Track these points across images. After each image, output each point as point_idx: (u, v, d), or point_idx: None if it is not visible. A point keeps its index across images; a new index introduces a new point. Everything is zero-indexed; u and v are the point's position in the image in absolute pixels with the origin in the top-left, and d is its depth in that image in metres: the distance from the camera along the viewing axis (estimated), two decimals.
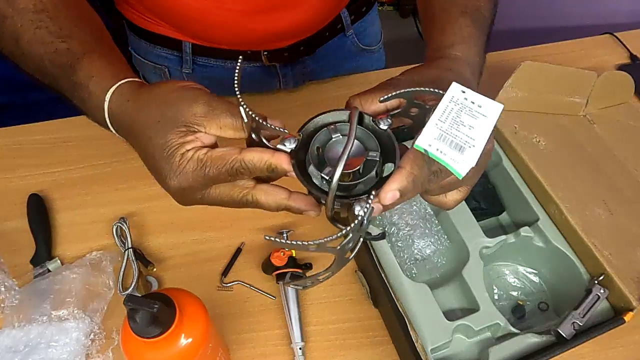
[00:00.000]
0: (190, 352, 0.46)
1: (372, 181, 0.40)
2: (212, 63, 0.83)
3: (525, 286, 0.67)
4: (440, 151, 0.37)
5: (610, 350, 0.63)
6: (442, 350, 0.58)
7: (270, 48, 0.82)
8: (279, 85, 0.88)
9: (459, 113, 0.38)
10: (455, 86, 0.38)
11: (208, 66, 0.83)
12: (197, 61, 0.82)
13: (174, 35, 0.79)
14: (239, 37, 0.78)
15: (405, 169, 0.38)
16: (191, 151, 0.40)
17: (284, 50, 0.82)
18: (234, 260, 0.68)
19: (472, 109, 0.38)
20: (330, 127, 0.42)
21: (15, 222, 0.70)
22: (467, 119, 0.37)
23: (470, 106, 0.38)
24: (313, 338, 0.63)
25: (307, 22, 0.79)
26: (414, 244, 0.66)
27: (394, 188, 0.38)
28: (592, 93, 0.77)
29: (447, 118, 0.37)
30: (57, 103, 1.05)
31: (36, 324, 0.60)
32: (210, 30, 0.76)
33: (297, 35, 0.81)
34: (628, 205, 0.67)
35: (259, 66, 0.84)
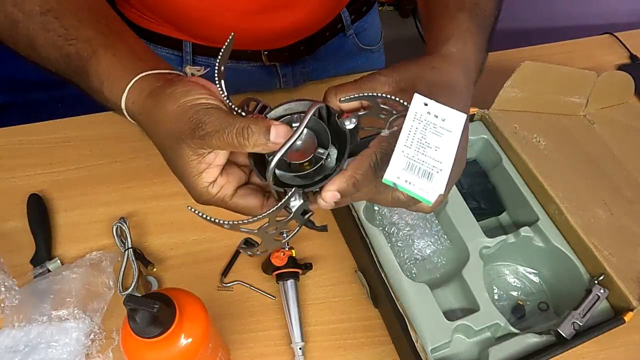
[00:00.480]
0: (190, 352, 0.46)
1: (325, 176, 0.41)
2: (212, 62, 0.82)
3: (525, 286, 0.67)
4: (409, 182, 0.36)
5: (610, 350, 0.63)
6: (442, 350, 0.58)
7: (270, 47, 0.82)
8: (279, 85, 0.88)
9: (424, 133, 0.37)
10: (417, 99, 0.37)
11: (208, 65, 0.82)
12: (198, 61, 0.82)
13: (174, 34, 0.79)
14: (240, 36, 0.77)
15: (347, 172, 0.39)
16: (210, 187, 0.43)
17: (284, 50, 0.82)
18: (234, 260, 0.68)
19: (436, 125, 0.37)
20: (294, 116, 0.42)
21: (15, 222, 0.70)
22: (433, 139, 0.37)
23: (435, 122, 0.37)
24: (313, 338, 0.63)
25: (307, 22, 0.79)
26: (414, 244, 0.66)
27: (332, 189, 0.39)
28: (592, 93, 0.76)
29: (413, 141, 0.37)
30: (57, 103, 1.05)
31: (36, 324, 0.60)
32: (210, 29, 0.76)
33: (297, 35, 0.81)
34: (628, 205, 0.67)
35: (259, 66, 0.84)
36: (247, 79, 0.85)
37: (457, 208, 0.66)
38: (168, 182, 0.75)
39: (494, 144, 0.71)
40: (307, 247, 0.69)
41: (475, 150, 0.74)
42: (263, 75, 0.86)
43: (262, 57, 0.82)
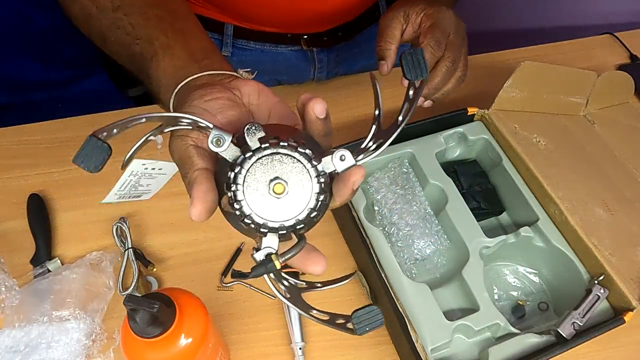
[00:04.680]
0: (190, 352, 0.46)
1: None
2: (251, 46, 0.85)
3: (525, 286, 0.67)
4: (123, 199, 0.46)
5: (610, 350, 0.63)
6: (442, 350, 0.58)
7: (310, 31, 0.84)
8: (313, 71, 0.90)
9: (138, 180, 0.44)
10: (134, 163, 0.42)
11: (247, 49, 0.85)
12: (237, 44, 0.84)
13: (216, 17, 0.81)
14: (283, 17, 0.80)
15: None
16: None
17: (323, 34, 0.85)
18: (234, 260, 0.68)
19: (151, 174, 0.44)
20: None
21: (15, 222, 0.70)
22: (146, 181, 0.44)
23: (150, 172, 0.43)
24: (313, 338, 0.63)
25: (347, 6, 0.81)
26: (414, 244, 0.66)
27: None
28: (592, 93, 0.76)
29: (126, 187, 0.45)
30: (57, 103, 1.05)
31: (36, 324, 0.60)
32: (255, 10, 0.77)
33: (337, 19, 0.83)
34: (628, 205, 0.67)
35: (297, 50, 0.86)
36: (284, 64, 0.88)
37: (457, 208, 0.66)
38: (168, 182, 0.75)
39: (494, 144, 0.71)
40: None
41: (475, 150, 0.74)
42: (300, 60, 0.88)
43: (301, 41, 0.84)
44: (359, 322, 0.33)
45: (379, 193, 0.69)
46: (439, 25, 0.64)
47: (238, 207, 0.32)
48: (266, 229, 0.32)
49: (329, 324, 0.34)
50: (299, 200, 0.32)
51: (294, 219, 0.32)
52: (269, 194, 0.32)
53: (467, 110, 0.72)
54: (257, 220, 0.32)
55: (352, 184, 0.34)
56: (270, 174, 0.32)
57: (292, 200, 0.32)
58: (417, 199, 0.68)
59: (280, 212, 0.32)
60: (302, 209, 0.32)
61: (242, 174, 0.31)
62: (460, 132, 0.72)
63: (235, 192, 0.31)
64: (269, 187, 0.32)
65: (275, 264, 0.32)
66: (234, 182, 0.31)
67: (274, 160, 0.32)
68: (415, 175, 0.70)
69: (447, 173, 0.68)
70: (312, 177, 0.32)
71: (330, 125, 0.35)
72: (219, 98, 0.39)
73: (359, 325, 0.33)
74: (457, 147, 0.74)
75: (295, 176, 0.32)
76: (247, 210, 0.32)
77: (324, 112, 0.34)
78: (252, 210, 0.32)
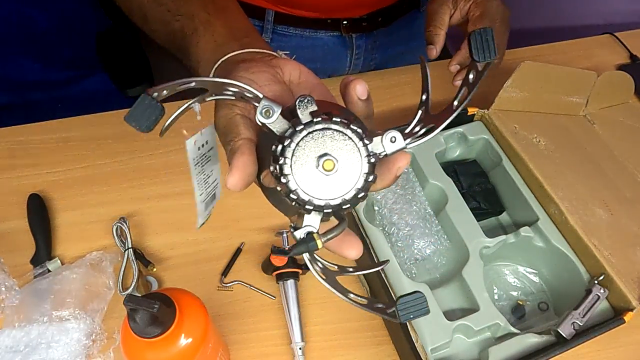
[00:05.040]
0: (190, 352, 0.46)
1: None
2: (290, 32, 0.86)
3: (525, 286, 0.67)
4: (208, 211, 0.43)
5: (610, 350, 0.63)
6: (442, 350, 0.58)
7: (349, 15, 0.84)
8: (350, 57, 0.91)
9: (202, 169, 0.40)
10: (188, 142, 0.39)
11: (286, 35, 0.86)
12: (277, 30, 0.84)
13: (257, 2, 0.81)
14: (323, 1, 0.81)
15: None
16: None
17: (363, 20, 0.85)
18: (234, 260, 0.68)
19: (205, 154, 0.40)
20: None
21: (15, 222, 0.70)
22: (209, 167, 0.41)
23: (205, 152, 0.40)
24: (313, 338, 0.63)
25: None
26: (414, 244, 0.66)
27: None
28: (592, 93, 0.76)
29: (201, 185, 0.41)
30: (57, 103, 1.05)
31: (37, 324, 0.60)
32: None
33: (376, 3, 0.84)
34: (628, 205, 0.67)
35: (336, 36, 0.87)
36: (322, 50, 0.88)
37: (457, 208, 0.66)
38: (168, 182, 0.75)
39: (494, 144, 0.71)
40: None
41: (475, 150, 0.74)
42: (338, 46, 0.89)
43: (340, 27, 0.85)
44: (404, 309, 0.31)
45: (379, 193, 0.69)
46: (487, 15, 0.68)
47: (284, 181, 0.30)
48: (311, 206, 0.30)
49: (367, 308, 0.33)
50: (347, 179, 0.30)
51: (340, 198, 0.30)
52: (317, 170, 0.30)
53: (467, 110, 0.72)
54: (302, 196, 0.30)
55: (397, 169, 0.33)
56: (320, 150, 0.30)
57: (340, 178, 0.30)
58: (417, 199, 0.68)
59: (327, 190, 0.30)
60: (349, 188, 0.31)
61: (291, 147, 0.30)
62: (460, 132, 0.72)
63: (282, 165, 0.30)
64: (318, 163, 0.30)
65: (317, 243, 0.31)
66: (281, 155, 0.30)
67: (325, 135, 0.30)
68: (415, 175, 0.70)
69: (447, 173, 0.68)
70: (363, 157, 0.30)
71: (372, 107, 0.35)
72: (264, 72, 0.39)
73: (403, 312, 0.31)
74: (457, 147, 0.74)
75: (345, 154, 0.30)
76: (293, 186, 0.30)
77: (365, 93, 0.34)
78: (299, 186, 0.30)
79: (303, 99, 0.30)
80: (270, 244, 0.70)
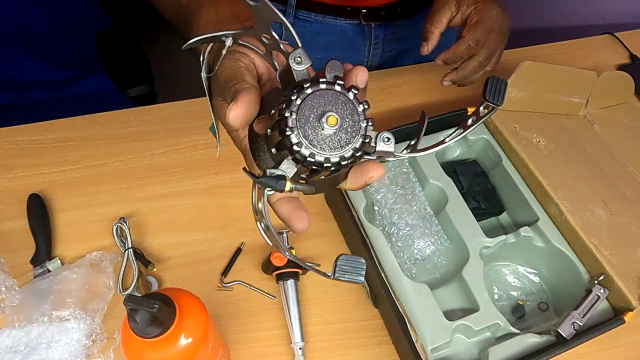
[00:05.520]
0: (190, 352, 0.46)
1: None
2: (312, 18, 0.86)
3: (525, 286, 0.67)
4: None
5: (610, 350, 0.63)
6: (442, 350, 0.58)
7: (369, 4, 0.85)
8: (368, 47, 0.91)
9: None
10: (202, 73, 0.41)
11: (308, 21, 0.86)
12: (299, 15, 0.85)
13: None
14: None
15: None
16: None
17: (382, 9, 0.86)
18: (234, 260, 0.68)
19: None
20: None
21: (15, 222, 0.70)
22: None
23: None
24: (313, 338, 0.63)
25: None
26: (414, 244, 0.66)
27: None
28: (592, 93, 0.76)
29: None
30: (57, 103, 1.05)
31: (37, 324, 0.60)
32: None
33: None
34: (628, 205, 0.67)
35: (355, 24, 0.87)
36: (340, 37, 0.89)
37: (457, 208, 0.66)
38: (168, 182, 0.75)
39: (494, 144, 0.71)
40: (307, 247, 0.69)
41: (475, 150, 0.74)
42: (357, 34, 0.89)
43: (359, 15, 0.86)
44: (342, 269, 0.32)
45: (379, 193, 0.69)
46: (484, 23, 0.68)
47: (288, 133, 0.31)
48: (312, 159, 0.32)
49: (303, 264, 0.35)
50: (346, 138, 0.32)
51: (338, 155, 0.32)
52: (319, 125, 0.32)
53: (467, 110, 0.72)
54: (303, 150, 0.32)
55: (369, 178, 0.35)
56: (329, 107, 0.32)
57: (340, 136, 0.32)
58: (417, 199, 0.68)
59: (326, 146, 0.32)
60: (347, 146, 0.32)
61: (307, 92, 0.32)
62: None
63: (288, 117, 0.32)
64: (323, 118, 0.32)
65: (286, 184, 0.33)
66: (296, 94, 0.32)
67: (338, 98, 0.33)
68: (415, 175, 0.70)
69: (447, 173, 0.68)
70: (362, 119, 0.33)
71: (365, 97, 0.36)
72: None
73: (339, 271, 0.32)
74: (457, 147, 0.74)
75: (347, 114, 0.33)
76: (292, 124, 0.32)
77: (364, 81, 0.36)
78: (299, 130, 0.32)
79: (332, 64, 0.34)
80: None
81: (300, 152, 0.32)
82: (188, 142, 0.79)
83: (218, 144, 0.44)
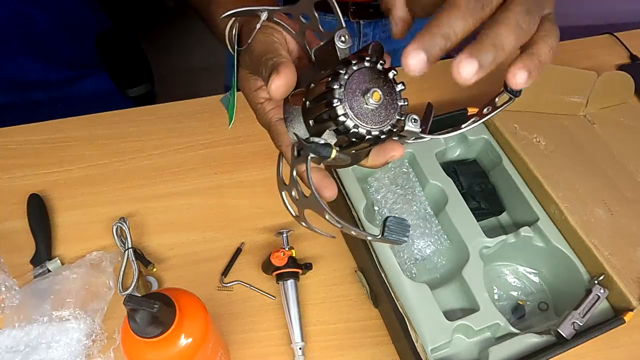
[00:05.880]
0: (190, 352, 0.46)
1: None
2: None
3: (525, 286, 0.67)
4: None
5: (610, 350, 0.63)
6: (442, 350, 0.58)
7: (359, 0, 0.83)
8: (357, 44, 0.91)
9: None
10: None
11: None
12: None
13: None
14: None
15: None
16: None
17: (371, 5, 0.84)
18: (234, 260, 0.68)
19: None
20: None
21: (15, 222, 0.70)
22: None
23: None
24: (313, 338, 0.63)
25: None
26: (414, 244, 0.66)
27: None
28: (592, 93, 0.77)
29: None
30: (57, 103, 1.05)
31: (37, 324, 0.60)
32: None
33: None
34: (628, 205, 0.67)
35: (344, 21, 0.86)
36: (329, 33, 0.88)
37: (457, 208, 0.66)
38: (168, 182, 0.75)
39: (494, 144, 0.71)
40: (307, 247, 0.69)
41: (475, 150, 0.74)
42: None
43: (348, 11, 0.84)
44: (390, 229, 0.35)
45: (379, 193, 0.69)
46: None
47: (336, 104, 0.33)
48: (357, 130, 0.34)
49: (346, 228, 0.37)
50: (385, 114, 0.35)
51: (378, 129, 0.34)
52: (364, 100, 0.34)
53: (467, 110, 0.72)
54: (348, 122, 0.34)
55: (390, 157, 0.37)
56: (373, 85, 0.34)
57: (380, 111, 0.35)
58: (417, 199, 0.68)
59: (369, 120, 0.34)
60: (387, 121, 0.35)
61: (354, 68, 0.34)
62: None
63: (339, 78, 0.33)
64: (368, 94, 0.34)
65: (332, 151, 0.35)
66: (344, 69, 0.34)
67: (380, 77, 0.35)
68: (415, 175, 0.70)
69: (447, 173, 0.68)
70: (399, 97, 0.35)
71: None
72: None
73: (388, 232, 0.35)
74: (457, 147, 0.74)
75: (387, 91, 0.35)
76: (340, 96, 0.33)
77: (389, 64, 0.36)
78: (346, 103, 0.34)
79: (375, 45, 0.36)
80: (270, 244, 0.70)
81: (346, 124, 0.33)
82: (188, 142, 0.79)
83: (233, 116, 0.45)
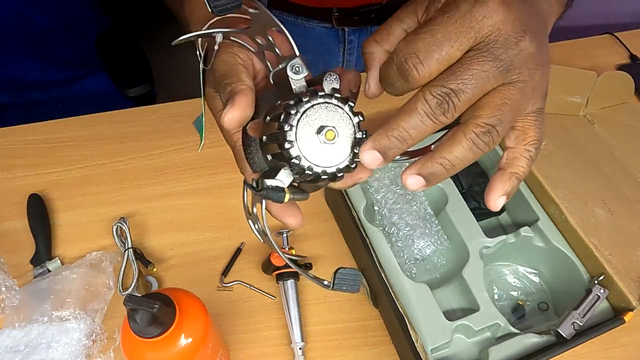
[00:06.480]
0: (190, 352, 0.46)
1: None
2: (284, 18, 0.85)
3: (525, 286, 0.67)
4: None
5: (610, 350, 0.62)
6: (442, 350, 0.58)
7: (342, 5, 0.82)
8: (342, 51, 0.89)
9: None
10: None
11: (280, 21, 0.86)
12: None
13: None
14: None
15: None
16: None
17: (356, 12, 0.83)
18: (234, 260, 0.68)
19: None
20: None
21: (15, 222, 0.70)
22: None
23: None
24: (313, 338, 0.63)
25: None
26: (414, 244, 0.66)
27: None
28: (592, 93, 0.77)
29: None
30: (57, 103, 1.05)
31: (37, 324, 0.60)
32: None
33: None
34: (628, 205, 0.67)
35: (328, 28, 0.85)
36: (315, 41, 0.87)
37: (457, 208, 0.66)
38: (168, 182, 0.75)
39: None
40: (307, 247, 0.69)
41: None
42: (330, 38, 0.87)
43: (332, 18, 0.83)
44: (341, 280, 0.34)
45: (379, 193, 0.69)
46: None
47: (288, 146, 0.31)
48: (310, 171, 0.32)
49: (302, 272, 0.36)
50: (341, 151, 0.33)
51: (335, 167, 0.33)
52: (318, 138, 0.32)
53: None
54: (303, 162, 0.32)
55: (358, 179, 0.35)
56: (328, 121, 0.32)
57: (336, 149, 0.33)
58: (417, 199, 0.68)
59: (323, 158, 0.33)
60: (342, 159, 0.33)
61: (305, 106, 0.32)
62: None
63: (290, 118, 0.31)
64: (321, 133, 0.32)
65: (285, 195, 0.34)
66: (295, 108, 0.32)
67: (335, 111, 0.33)
68: None
69: None
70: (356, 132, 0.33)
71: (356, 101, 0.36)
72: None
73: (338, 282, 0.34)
74: None
75: (345, 131, 0.33)
76: (296, 152, 0.32)
77: (358, 85, 0.36)
78: (298, 144, 0.32)
79: (330, 75, 0.33)
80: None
81: (300, 165, 0.32)
82: (188, 142, 0.79)
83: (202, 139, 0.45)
